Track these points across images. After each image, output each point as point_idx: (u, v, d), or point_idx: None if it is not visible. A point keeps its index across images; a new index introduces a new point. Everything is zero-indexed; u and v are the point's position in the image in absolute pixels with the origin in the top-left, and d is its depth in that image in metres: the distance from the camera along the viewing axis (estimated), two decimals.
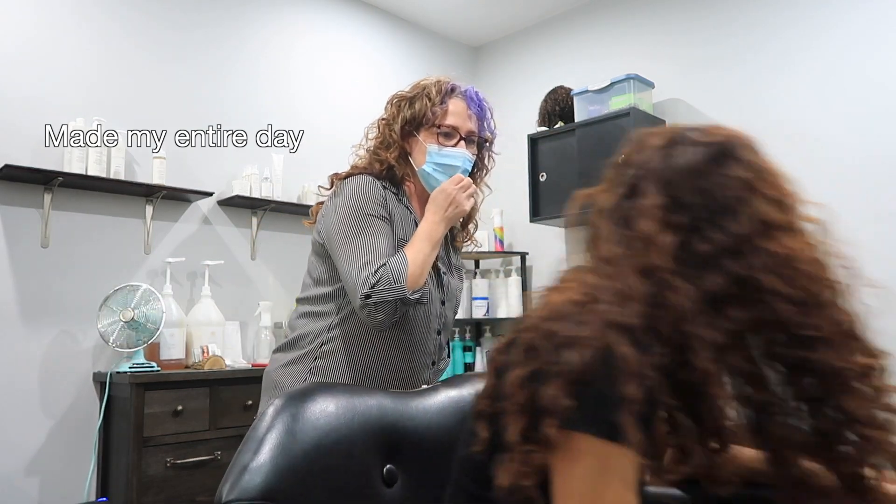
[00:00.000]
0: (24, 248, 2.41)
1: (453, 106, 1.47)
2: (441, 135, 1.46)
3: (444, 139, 1.46)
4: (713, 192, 0.74)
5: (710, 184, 0.74)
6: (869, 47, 2.58)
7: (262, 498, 0.80)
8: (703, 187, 0.74)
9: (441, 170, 1.45)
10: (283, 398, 0.90)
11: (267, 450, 0.83)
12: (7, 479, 2.30)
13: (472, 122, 1.49)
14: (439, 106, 1.45)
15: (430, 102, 1.45)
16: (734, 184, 0.75)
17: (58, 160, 2.44)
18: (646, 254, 0.71)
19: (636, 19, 3.31)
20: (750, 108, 2.88)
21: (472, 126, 1.49)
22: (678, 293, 0.69)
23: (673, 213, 0.73)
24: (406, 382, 1.40)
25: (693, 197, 0.74)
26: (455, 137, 1.46)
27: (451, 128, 1.46)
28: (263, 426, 0.85)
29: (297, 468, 0.84)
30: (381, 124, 1.52)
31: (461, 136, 1.47)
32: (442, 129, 1.46)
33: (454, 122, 1.46)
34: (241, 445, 0.86)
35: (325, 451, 0.90)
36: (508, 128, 3.65)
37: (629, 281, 0.70)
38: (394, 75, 3.66)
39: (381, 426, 0.96)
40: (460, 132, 1.47)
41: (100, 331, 2.38)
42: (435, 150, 1.45)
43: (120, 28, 2.69)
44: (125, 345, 2.38)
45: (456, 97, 1.48)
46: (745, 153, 0.79)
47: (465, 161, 1.47)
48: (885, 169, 2.51)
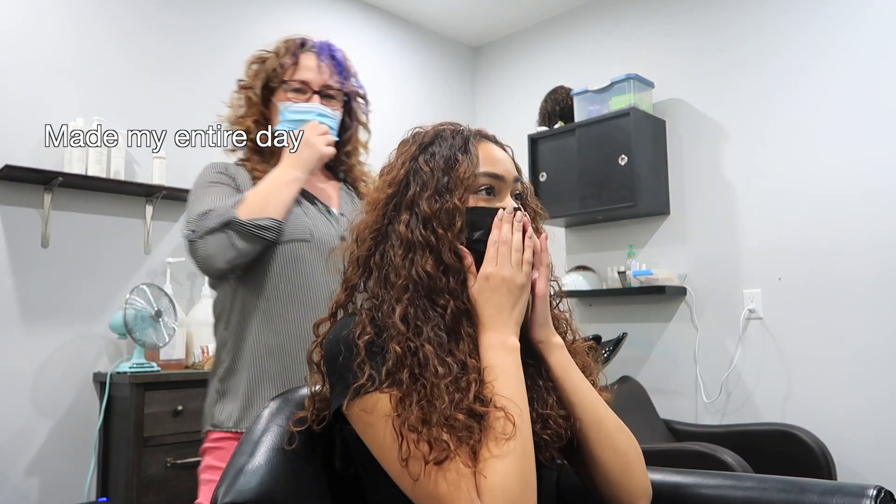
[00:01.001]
0: (24, 248, 2.41)
1: (304, 60, 1.39)
2: (291, 91, 1.38)
3: (295, 95, 1.38)
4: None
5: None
6: (870, 46, 2.58)
7: (258, 500, 0.80)
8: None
9: (296, 127, 1.37)
10: (277, 401, 0.90)
11: (262, 452, 0.83)
12: (7, 479, 2.30)
13: (327, 74, 1.40)
14: (289, 61, 1.37)
15: (277, 59, 1.38)
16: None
17: (58, 160, 2.45)
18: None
19: (636, 19, 3.31)
20: (750, 108, 2.87)
21: (326, 79, 1.40)
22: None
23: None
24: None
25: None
26: (307, 93, 1.38)
27: (300, 82, 1.38)
28: (259, 429, 0.85)
29: (292, 470, 0.84)
30: (240, 86, 1.44)
31: (314, 91, 1.39)
32: (291, 85, 1.38)
33: (304, 76, 1.38)
34: (237, 448, 0.86)
35: (320, 453, 0.90)
36: (508, 128, 3.65)
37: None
38: (393, 75, 3.66)
39: None
40: (312, 86, 1.38)
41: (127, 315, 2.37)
42: (286, 106, 1.38)
43: (120, 28, 2.69)
44: (145, 341, 2.39)
45: (306, 52, 1.40)
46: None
47: (321, 113, 1.39)
48: (886, 166, 2.51)
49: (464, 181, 0.89)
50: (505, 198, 0.94)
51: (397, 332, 0.82)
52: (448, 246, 0.86)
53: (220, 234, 1.19)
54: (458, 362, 0.81)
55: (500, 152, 0.97)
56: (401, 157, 0.95)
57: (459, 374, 0.80)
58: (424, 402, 0.77)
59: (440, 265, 0.86)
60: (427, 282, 0.85)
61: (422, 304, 0.84)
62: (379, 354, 0.82)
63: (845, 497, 0.90)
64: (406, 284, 0.85)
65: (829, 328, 2.59)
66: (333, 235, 1.34)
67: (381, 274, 0.88)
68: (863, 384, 2.50)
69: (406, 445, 0.75)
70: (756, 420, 2.72)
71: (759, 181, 2.83)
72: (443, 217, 0.87)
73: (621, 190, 2.95)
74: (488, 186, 0.92)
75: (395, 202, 0.91)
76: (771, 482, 0.98)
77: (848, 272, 2.56)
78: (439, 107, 3.83)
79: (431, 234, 0.87)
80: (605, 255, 3.29)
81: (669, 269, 3.01)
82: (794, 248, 2.71)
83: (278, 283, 1.28)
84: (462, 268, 0.87)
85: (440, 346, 0.82)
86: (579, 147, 3.11)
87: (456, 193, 0.88)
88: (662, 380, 3.03)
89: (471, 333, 0.85)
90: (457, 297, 0.86)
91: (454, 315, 0.85)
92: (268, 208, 1.24)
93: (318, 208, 1.37)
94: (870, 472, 2.43)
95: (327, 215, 1.37)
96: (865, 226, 2.53)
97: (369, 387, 0.79)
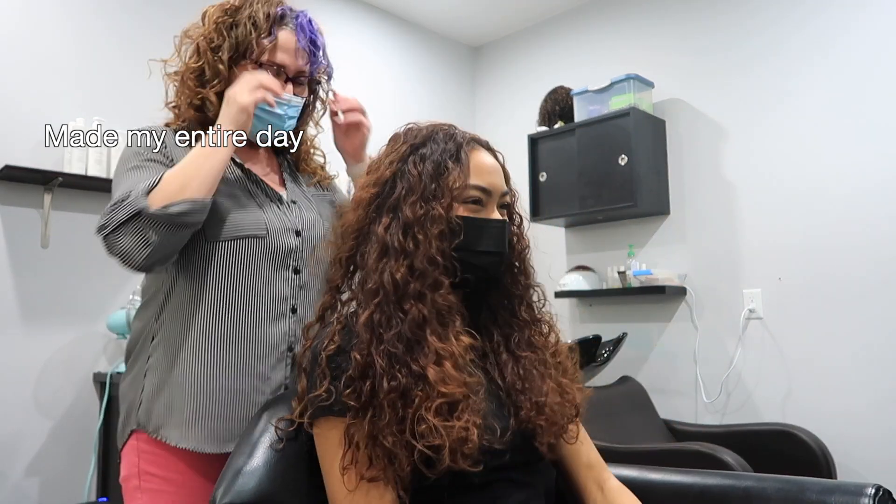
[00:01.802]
0: (24, 248, 2.41)
1: (282, 38, 1.21)
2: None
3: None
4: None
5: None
6: (870, 46, 2.57)
7: (256, 501, 0.80)
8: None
9: (262, 115, 1.20)
10: (275, 401, 0.90)
11: (260, 453, 0.83)
12: (7, 479, 2.30)
13: (303, 61, 1.25)
14: (266, 38, 1.20)
15: (255, 31, 1.19)
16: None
17: (58, 160, 2.45)
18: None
19: (636, 19, 3.31)
20: (750, 108, 2.87)
21: (301, 66, 1.24)
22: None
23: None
24: (256, 372, 1.13)
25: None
26: (280, 78, 1.22)
27: (278, 66, 1.21)
28: (257, 430, 0.85)
29: (290, 471, 0.84)
30: (200, 47, 1.22)
31: (288, 77, 1.23)
32: (266, 68, 1.21)
33: (282, 59, 1.21)
34: (235, 449, 0.86)
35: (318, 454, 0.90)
36: (508, 128, 3.65)
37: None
38: (393, 75, 3.66)
39: None
40: (287, 72, 1.23)
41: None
42: None
43: (120, 28, 2.69)
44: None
45: (285, 27, 1.23)
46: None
47: (290, 115, 1.24)
48: (886, 167, 2.51)
49: (452, 190, 0.88)
50: (492, 210, 0.93)
51: (359, 340, 0.81)
52: (424, 253, 0.85)
53: (130, 227, 1.03)
54: (413, 374, 0.80)
55: (492, 162, 0.95)
56: (389, 155, 0.94)
57: (410, 387, 0.79)
58: (374, 418, 0.77)
59: (412, 272, 0.85)
60: (394, 290, 0.84)
61: (388, 311, 0.83)
62: (339, 368, 0.81)
63: (844, 496, 0.90)
64: (376, 289, 0.84)
65: (829, 328, 2.59)
66: (288, 229, 1.21)
67: (361, 276, 0.88)
68: (863, 384, 2.49)
69: (350, 455, 0.76)
70: (756, 420, 2.72)
71: (759, 181, 2.82)
72: (426, 223, 0.86)
73: (621, 190, 2.95)
74: (476, 198, 0.91)
75: (378, 203, 0.90)
76: (770, 481, 0.98)
77: (848, 272, 2.56)
78: (439, 107, 3.83)
79: (411, 240, 0.86)
80: (605, 255, 3.29)
81: (669, 269, 3.01)
82: (794, 248, 2.71)
83: (223, 284, 1.14)
84: (432, 275, 0.85)
85: (395, 357, 0.80)
86: (579, 147, 3.11)
87: (443, 201, 0.87)
88: (662, 380, 3.03)
89: (433, 342, 0.83)
90: (422, 302, 0.84)
91: (415, 321, 0.83)
92: (187, 188, 1.05)
93: (269, 196, 1.23)
94: (870, 472, 2.43)
95: (278, 204, 1.23)
96: (865, 226, 2.53)
97: (324, 401, 0.80)
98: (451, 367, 0.81)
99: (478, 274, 0.92)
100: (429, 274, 0.85)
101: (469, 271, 0.90)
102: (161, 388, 1.16)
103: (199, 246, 1.15)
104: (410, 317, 0.83)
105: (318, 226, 1.26)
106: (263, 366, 1.14)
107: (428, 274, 0.85)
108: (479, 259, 0.91)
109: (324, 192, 1.37)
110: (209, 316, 1.14)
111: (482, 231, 0.90)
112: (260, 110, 1.19)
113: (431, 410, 0.77)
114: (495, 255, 0.93)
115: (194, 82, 1.22)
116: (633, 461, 1.95)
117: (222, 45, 1.20)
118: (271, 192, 1.25)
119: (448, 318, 0.86)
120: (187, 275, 1.16)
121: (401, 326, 0.82)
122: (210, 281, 1.15)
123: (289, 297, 1.18)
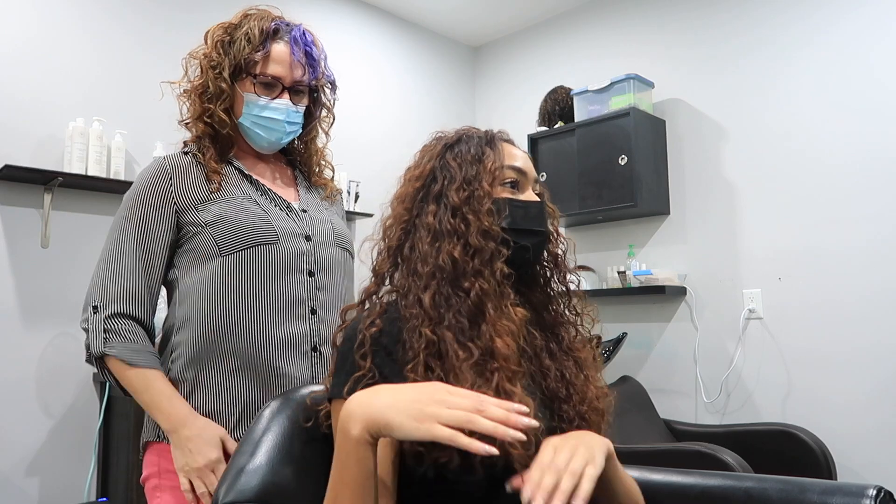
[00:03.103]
0: (24, 248, 2.41)
1: (275, 52, 1.27)
2: (259, 85, 1.27)
3: (264, 90, 1.27)
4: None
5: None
6: (870, 45, 2.58)
7: (259, 499, 0.80)
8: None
9: (262, 123, 1.27)
10: (278, 400, 0.90)
11: (263, 451, 0.83)
12: (7, 479, 2.30)
13: (298, 70, 1.29)
14: (259, 52, 1.25)
15: (249, 46, 1.26)
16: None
17: (58, 160, 2.45)
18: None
19: (636, 19, 3.31)
20: (750, 108, 2.88)
21: (298, 76, 1.29)
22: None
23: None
24: (273, 370, 1.18)
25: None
26: (278, 89, 1.27)
27: (273, 78, 1.27)
28: (260, 428, 0.85)
29: (293, 469, 0.84)
30: (203, 65, 1.28)
31: (284, 87, 1.28)
32: (261, 79, 1.26)
33: (276, 71, 1.27)
34: (238, 447, 0.86)
35: (321, 453, 0.90)
36: (508, 128, 3.64)
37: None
38: (393, 75, 3.67)
39: None
40: (283, 82, 1.28)
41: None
42: (254, 100, 1.26)
43: (120, 28, 2.69)
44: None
45: (279, 41, 1.28)
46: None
47: (291, 114, 1.29)
48: (886, 167, 2.51)
49: (491, 172, 0.93)
50: (527, 192, 0.97)
51: (427, 317, 0.83)
52: (477, 229, 0.88)
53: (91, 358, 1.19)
54: (480, 348, 0.82)
55: (520, 152, 1.01)
56: (426, 154, 0.98)
57: (481, 360, 0.81)
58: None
59: (468, 250, 0.88)
60: (452, 268, 0.87)
61: (445, 292, 0.86)
62: (384, 348, 0.83)
63: (845, 497, 0.90)
64: (433, 272, 0.87)
65: (829, 328, 2.59)
66: (298, 234, 1.25)
67: (409, 266, 0.90)
68: (863, 384, 2.50)
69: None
70: (756, 420, 2.72)
71: (759, 181, 2.83)
72: (473, 203, 0.90)
73: (621, 190, 2.95)
74: (513, 180, 0.95)
75: (423, 195, 0.94)
76: (771, 482, 0.98)
77: (848, 272, 2.56)
78: (439, 106, 3.83)
79: (461, 221, 0.89)
80: (605, 255, 3.29)
81: (669, 269, 3.01)
82: (794, 248, 2.71)
83: (241, 292, 1.19)
84: (488, 248, 0.88)
85: (461, 331, 0.83)
86: (579, 147, 3.11)
87: (485, 181, 0.92)
88: (662, 380, 3.03)
89: (494, 316, 0.85)
90: (481, 278, 0.86)
91: (478, 297, 0.85)
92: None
93: (278, 205, 1.28)
94: (870, 472, 2.44)
95: (287, 212, 1.28)
96: (866, 226, 2.54)
97: (369, 379, 0.80)
98: (513, 343, 0.84)
99: (526, 253, 0.94)
100: (485, 249, 0.87)
101: (517, 251, 0.92)
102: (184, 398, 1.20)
103: (214, 261, 1.20)
104: (473, 293, 0.85)
105: (329, 231, 1.31)
106: (287, 366, 1.17)
107: (485, 249, 0.87)
108: (525, 238, 0.93)
109: (332, 206, 1.42)
110: (230, 322, 1.18)
111: (525, 210, 0.94)
112: (258, 117, 1.27)
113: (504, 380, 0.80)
114: (540, 235, 0.96)
115: (200, 99, 1.27)
116: (633, 461, 1.95)
117: (222, 63, 1.26)
118: (279, 199, 1.29)
119: (504, 290, 0.88)
120: (204, 290, 1.20)
121: (461, 304, 0.85)
122: (228, 291, 1.19)
123: (306, 300, 1.22)
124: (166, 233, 1.23)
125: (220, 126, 1.26)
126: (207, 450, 1.11)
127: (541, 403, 0.90)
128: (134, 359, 1.17)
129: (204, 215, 1.21)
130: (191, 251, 1.23)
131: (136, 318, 1.20)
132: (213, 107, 1.25)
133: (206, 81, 1.26)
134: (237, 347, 1.18)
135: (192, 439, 1.12)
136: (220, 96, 1.25)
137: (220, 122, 1.26)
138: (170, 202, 1.23)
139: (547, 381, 0.93)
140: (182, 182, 1.24)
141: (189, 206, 1.22)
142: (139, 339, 1.19)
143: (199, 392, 1.19)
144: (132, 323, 1.19)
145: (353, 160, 3.25)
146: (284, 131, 1.30)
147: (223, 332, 1.18)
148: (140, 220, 1.23)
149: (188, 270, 1.23)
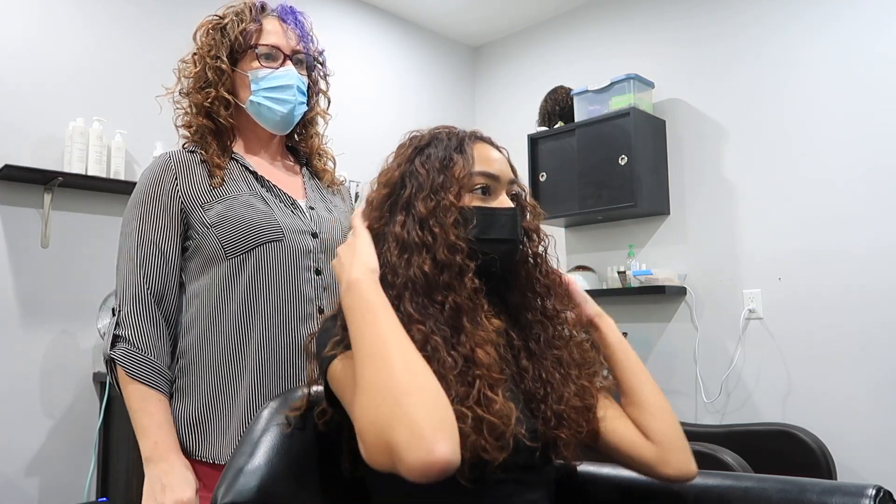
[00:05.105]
0: (24, 248, 2.41)
1: (268, 24, 1.27)
2: (262, 57, 1.24)
3: (267, 61, 1.25)
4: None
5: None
6: (871, 44, 2.58)
7: (258, 500, 0.80)
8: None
9: (273, 96, 1.24)
10: (277, 401, 0.90)
11: (262, 452, 0.83)
12: (7, 479, 2.30)
13: (294, 40, 1.29)
14: (253, 26, 1.24)
15: (241, 23, 1.24)
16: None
17: (58, 160, 2.45)
18: None
19: (636, 19, 3.31)
20: (750, 108, 2.87)
21: (294, 45, 1.28)
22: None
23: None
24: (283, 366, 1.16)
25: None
26: (279, 58, 1.25)
27: (272, 47, 1.25)
28: (258, 429, 0.85)
29: (292, 470, 0.84)
30: (196, 58, 1.26)
31: (286, 55, 1.26)
32: (261, 50, 1.24)
33: (275, 40, 1.25)
34: (237, 448, 0.86)
35: (320, 454, 0.90)
36: (508, 128, 3.65)
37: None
38: (393, 75, 3.67)
39: None
40: (284, 51, 1.26)
41: (99, 330, 2.38)
42: (261, 74, 1.24)
43: (121, 28, 2.69)
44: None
45: (269, 16, 1.28)
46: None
47: (299, 80, 1.27)
48: (886, 167, 2.51)
49: (459, 180, 0.90)
50: (502, 199, 0.94)
51: (409, 318, 0.82)
52: (443, 243, 0.86)
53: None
54: (462, 356, 0.82)
55: (496, 153, 0.97)
56: (397, 158, 0.96)
57: (464, 368, 0.81)
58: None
59: (437, 264, 0.86)
60: (424, 282, 0.85)
61: (420, 302, 0.85)
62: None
63: (845, 497, 0.90)
64: (405, 283, 0.85)
65: (829, 328, 2.59)
66: (304, 231, 1.23)
67: (380, 275, 0.88)
68: (863, 384, 2.50)
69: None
70: (756, 420, 2.72)
71: (759, 181, 2.83)
72: (439, 214, 0.87)
73: (621, 190, 2.95)
74: (484, 186, 0.92)
75: (391, 203, 0.92)
76: (770, 482, 0.98)
77: (848, 272, 2.56)
78: (439, 107, 3.83)
79: (428, 233, 0.87)
80: (605, 255, 3.29)
81: (669, 269, 3.01)
82: (794, 248, 2.71)
83: (250, 292, 1.17)
84: (456, 262, 0.86)
85: (445, 339, 0.82)
86: (579, 147, 3.11)
87: (451, 191, 0.89)
88: (662, 380, 3.03)
89: (471, 328, 0.85)
90: (453, 292, 0.85)
91: (453, 310, 0.84)
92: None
93: (283, 201, 1.26)
94: (870, 472, 2.44)
95: (293, 209, 1.26)
96: (865, 226, 2.53)
97: (343, 339, 0.81)
98: (493, 351, 0.83)
99: (493, 265, 0.91)
100: (453, 263, 0.86)
101: (486, 262, 0.90)
102: (189, 411, 1.17)
103: (221, 264, 1.18)
104: (448, 307, 0.84)
105: (336, 228, 1.28)
106: (294, 368, 1.16)
107: (453, 263, 0.86)
108: (493, 247, 0.91)
109: (335, 195, 1.40)
110: (237, 325, 1.16)
111: (493, 219, 0.91)
112: (267, 90, 1.24)
113: (485, 387, 0.80)
114: (509, 243, 0.93)
115: (199, 90, 1.25)
116: None
117: (217, 45, 1.24)
118: (284, 195, 1.27)
119: (477, 301, 0.87)
120: (211, 294, 1.18)
121: (439, 315, 0.84)
122: (235, 293, 1.17)
123: (314, 299, 1.20)
124: (177, 232, 1.21)
125: (225, 107, 1.24)
126: (182, 488, 1.07)
127: (524, 406, 0.90)
128: (134, 371, 1.16)
129: (209, 216, 1.19)
130: (198, 255, 1.21)
131: (163, 316, 1.18)
132: (215, 90, 1.23)
133: (202, 70, 1.24)
134: (244, 350, 1.16)
135: (168, 473, 1.08)
136: (221, 78, 1.23)
137: (224, 104, 1.23)
138: (177, 201, 1.21)
139: (525, 383, 0.92)
140: (187, 181, 1.22)
141: (195, 205, 1.20)
142: (149, 349, 1.16)
143: (206, 396, 1.16)
144: (150, 328, 1.16)
145: (352, 160, 3.24)
146: (296, 100, 1.27)
147: (230, 336, 1.16)
148: (153, 220, 1.20)
149: (196, 275, 1.21)
